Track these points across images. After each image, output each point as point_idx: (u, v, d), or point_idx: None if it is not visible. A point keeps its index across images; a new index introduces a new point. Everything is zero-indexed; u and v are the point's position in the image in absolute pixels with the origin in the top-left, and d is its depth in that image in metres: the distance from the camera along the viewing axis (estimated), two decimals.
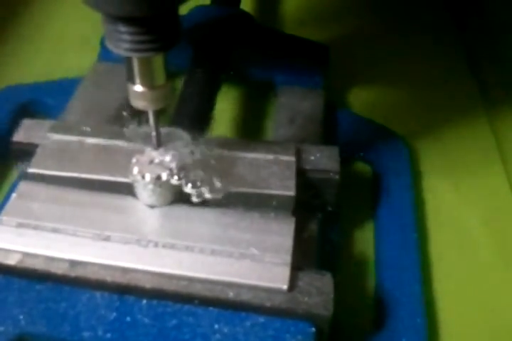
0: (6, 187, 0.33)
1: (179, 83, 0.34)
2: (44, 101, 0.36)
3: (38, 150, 0.27)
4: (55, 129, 0.28)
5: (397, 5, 0.42)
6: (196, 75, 0.34)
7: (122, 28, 0.21)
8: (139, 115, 0.26)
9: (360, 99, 0.38)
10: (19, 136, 0.28)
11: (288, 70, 0.37)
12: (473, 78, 0.41)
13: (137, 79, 0.23)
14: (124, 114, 0.27)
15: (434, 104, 0.38)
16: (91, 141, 0.27)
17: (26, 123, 0.29)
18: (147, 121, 0.25)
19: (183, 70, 0.35)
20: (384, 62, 0.41)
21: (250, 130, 0.36)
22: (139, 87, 0.23)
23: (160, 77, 0.23)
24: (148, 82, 0.23)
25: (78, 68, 0.37)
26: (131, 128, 0.27)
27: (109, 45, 0.21)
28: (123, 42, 0.21)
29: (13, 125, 0.34)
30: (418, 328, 0.26)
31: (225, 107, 0.36)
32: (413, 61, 0.41)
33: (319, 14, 0.43)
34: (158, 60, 0.22)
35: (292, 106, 0.35)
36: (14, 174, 0.34)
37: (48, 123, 0.29)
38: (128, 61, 0.22)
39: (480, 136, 0.36)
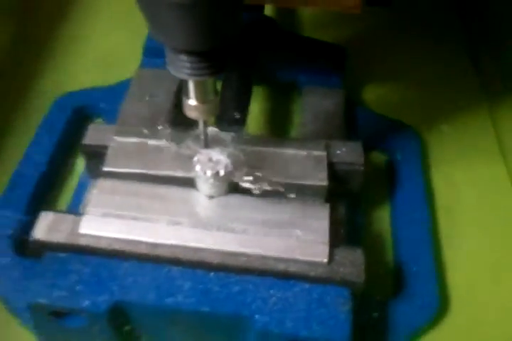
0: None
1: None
2: (97, 105, 0.41)
3: (109, 152, 0.32)
4: (120, 132, 0.33)
5: (406, 9, 0.46)
6: (231, 80, 0.38)
7: (183, 58, 0.25)
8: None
9: (376, 97, 0.43)
10: (89, 139, 0.33)
11: (310, 71, 0.42)
12: (476, 75, 0.46)
13: (191, 95, 0.27)
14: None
15: (441, 99, 0.43)
16: (152, 142, 0.32)
17: (92, 127, 0.34)
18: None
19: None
20: (395, 62, 0.46)
21: (279, 127, 0.41)
22: (192, 101, 0.27)
23: (210, 94, 0.27)
24: (201, 98, 0.27)
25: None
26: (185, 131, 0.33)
27: (171, 70, 0.26)
28: (183, 68, 0.25)
29: (72, 126, 0.40)
30: (431, 292, 0.32)
31: (256, 107, 0.41)
32: (421, 61, 0.46)
33: (334, 18, 0.47)
34: (210, 81, 0.26)
35: (316, 104, 0.40)
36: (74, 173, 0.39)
37: (111, 127, 0.34)
38: (185, 80, 0.27)
39: (481, 128, 0.42)
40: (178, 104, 0.39)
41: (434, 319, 0.31)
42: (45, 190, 0.36)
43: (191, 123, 0.33)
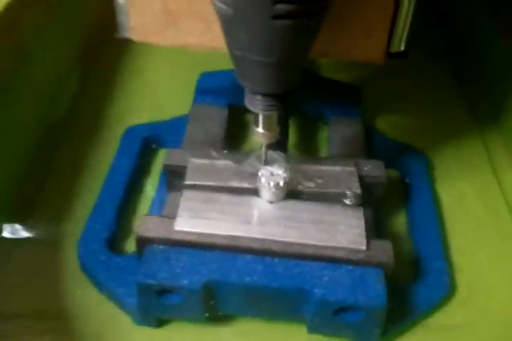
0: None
1: None
2: (161, 136, 0.50)
3: (188, 170, 0.40)
4: (194, 155, 0.41)
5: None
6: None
7: (258, 97, 0.34)
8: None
9: (388, 125, 0.52)
10: (169, 161, 0.41)
11: (333, 106, 0.51)
12: (466, 105, 0.57)
13: (260, 125, 0.36)
14: None
15: (440, 125, 0.53)
16: (220, 162, 0.41)
17: (169, 151, 0.42)
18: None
19: None
20: (401, 98, 0.56)
21: (311, 150, 0.50)
22: (260, 129, 0.36)
23: (273, 124, 0.36)
24: (267, 127, 0.36)
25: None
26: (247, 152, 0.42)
27: (247, 104, 0.35)
28: (257, 105, 0.34)
29: (142, 152, 0.49)
30: (443, 277, 0.40)
31: (292, 135, 0.50)
32: (422, 96, 0.57)
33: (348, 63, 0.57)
34: (274, 115, 0.36)
35: (340, 132, 0.49)
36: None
37: (184, 151, 0.42)
38: (257, 113, 0.36)
39: (473, 146, 0.52)
40: (228, 133, 0.49)
41: (445, 298, 0.39)
42: (127, 202, 0.45)
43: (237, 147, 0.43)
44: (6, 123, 0.44)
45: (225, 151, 0.42)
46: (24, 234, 0.42)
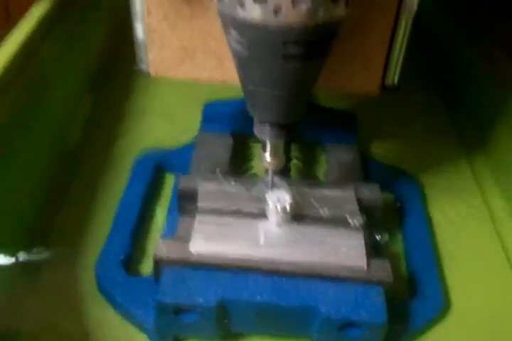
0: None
1: None
2: (171, 162, 0.53)
3: (200, 193, 0.43)
4: (205, 180, 0.44)
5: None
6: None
7: (267, 127, 0.37)
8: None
9: (381, 151, 0.56)
10: (183, 185, 0.44)
11: (330, 133, 0.55)
12: (455, 132, 0.61)
13: (267, 152, 0.40)
14: None
15: (430, 151, 0.57)
16: (230, 187, 0.44)
17: (183, 177, 0.45)
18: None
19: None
20: (393, 126, 0.60)
21: (310, 174, 0.54)
22: (267, 156, 0.40)
23: (280, 151, 0.40)
24: (274, 153, 0.40)
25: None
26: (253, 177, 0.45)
27: (257, 134, 0.38)
28: (266, 133, 0.38)
29: (153, 177, 0.52)
30: (437, 295, 0.42)
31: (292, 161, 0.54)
32: (413, 122, 0.61)
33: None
34: (281, 143, 0.39)
35: (338, 158, 0.52)
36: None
37: (197, 176, 0.45)
38: (264, 141, 0.39)
39: (461, 172, 0.56)
40: (231, 159, 0.52)
41: (439, 315, 0.42)
42: (140, 226, 0.47)
43: (242, 172, 0.47)
44: (25, 152, 0.46)
45: (234, 177, 0.45)
46: (43, 257, 0.44)
